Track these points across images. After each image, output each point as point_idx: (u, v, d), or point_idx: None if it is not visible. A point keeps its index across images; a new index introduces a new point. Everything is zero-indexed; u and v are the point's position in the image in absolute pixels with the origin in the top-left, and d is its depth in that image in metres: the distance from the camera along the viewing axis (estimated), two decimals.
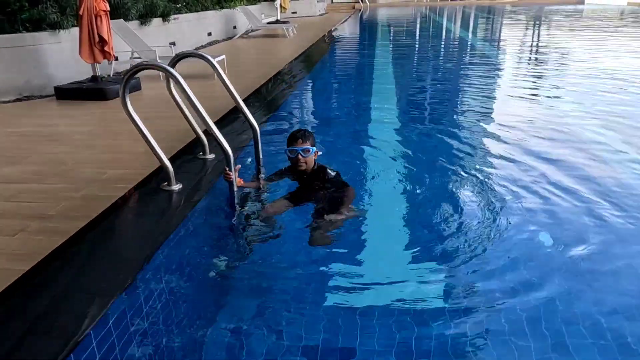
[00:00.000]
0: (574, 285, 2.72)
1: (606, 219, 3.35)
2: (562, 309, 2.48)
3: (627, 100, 7.06)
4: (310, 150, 3.35)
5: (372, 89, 8.69)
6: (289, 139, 3.42)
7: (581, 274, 2.82)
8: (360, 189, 3.76)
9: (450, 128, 5.81)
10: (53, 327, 2.13)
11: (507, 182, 3.93)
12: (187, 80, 3.42)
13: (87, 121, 6.05)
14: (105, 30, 6.75)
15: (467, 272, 2.82)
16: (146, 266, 2.52)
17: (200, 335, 2.35)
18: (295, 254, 3.06)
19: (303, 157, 3.34)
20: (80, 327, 2.07)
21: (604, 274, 2.82)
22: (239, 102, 3.88)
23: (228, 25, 15.95)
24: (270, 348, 2.26)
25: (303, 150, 3.32)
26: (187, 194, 3.42)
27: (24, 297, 2.34)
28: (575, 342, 2.24)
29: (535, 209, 3.51)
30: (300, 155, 3.33)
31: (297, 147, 3.34)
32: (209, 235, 3.28)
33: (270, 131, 5.45)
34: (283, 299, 2.65)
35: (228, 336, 2.37)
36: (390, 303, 2.56)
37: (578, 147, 4.88)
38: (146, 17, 10.46)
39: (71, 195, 3.69)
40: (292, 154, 3.36)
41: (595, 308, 2.52)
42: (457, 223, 3.34)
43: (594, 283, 2.75)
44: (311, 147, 3.36)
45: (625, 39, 15.77)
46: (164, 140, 4.75)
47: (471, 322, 2.42)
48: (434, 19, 26.57)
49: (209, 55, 4.18)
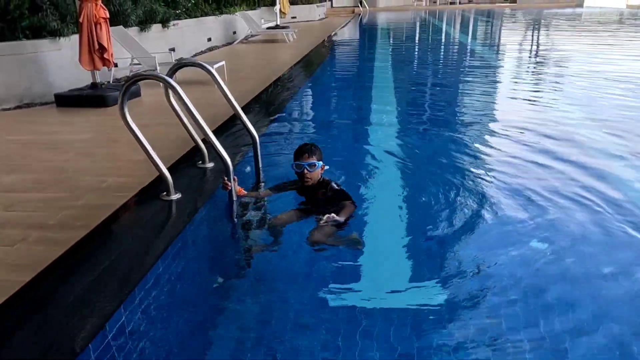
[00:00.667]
0: (572, 292, 2.72)
1: (607, 226, 3.35)
2: (561, 316, 2.49)
3: (628, 104, 7.07)
4: (317, 164, 3.38)
5: (372, 94, 8.71)
6: (296, 153, 3.45)
7: (580, 282, 2.82)
8: (359, 194, 3.77)
9: (450, 133, 5.83)
10: (51, 341, 2.13)
11: (507, 190, 3.93)
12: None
13: (87, 128, 6.07)
14: (104, 38, 6.78)
15: (466, 279, 2.83)
16: (145, 277, 2.52)
17: (200, 347, 2.36)
18: (295, 263, 3.06)
19: (309, 171, 3.37)
20: (79, 341, 2.07)
21: (603, 280, 2.83)
22: (238, 110, 3.89)
23: (228, 31, 15.99)
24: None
25: (309, 165, 3.36)
26: (186, 203, 3.42)
27: (23, 310, 2.34)
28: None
29: (534, 216, 3.51)
30: (306, 170, 3.36)
31: (303, 162, 3.37)
32: (208, 245, 3.29)
33: (271, 138, 5.47)
34: (283, 308, 2.65)
35: (229, 347, 2.37)
36: (391, 313, 2.56)
37: (576, 151, 4.89)
38: (146, 23, 10.50)
39: (71, 204, 3.69)
40: (299, 168, 3.40)
41: (593, 315, 2.52)
42: (455, 229, 3.34)
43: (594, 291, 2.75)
44: (317, 162, 3.39)
45: (626, 42, 15.80)
46: (163, 149, 4.76)
47: (471, 330, 2.42)
48: (433, 22, 26.62)
49: (207, 63, 4.20)
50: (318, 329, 2.47)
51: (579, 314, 2.52)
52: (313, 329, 2.47)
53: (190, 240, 3.11)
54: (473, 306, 2.62)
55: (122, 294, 2.38)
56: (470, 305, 2.62)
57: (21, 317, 2.28)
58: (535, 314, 2.50)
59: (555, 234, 3.29)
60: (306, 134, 6.10)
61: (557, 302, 2.59)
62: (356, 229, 3.31)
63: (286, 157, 4.87)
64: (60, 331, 2.17)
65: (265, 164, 4.24)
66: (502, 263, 2.97)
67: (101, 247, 2.96)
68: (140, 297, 2.46)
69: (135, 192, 3.76)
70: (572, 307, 2.57)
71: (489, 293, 2.71)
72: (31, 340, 2.12)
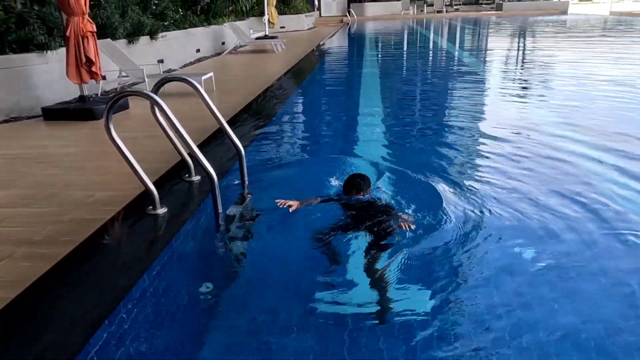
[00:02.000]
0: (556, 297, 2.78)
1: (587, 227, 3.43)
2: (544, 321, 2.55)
3: (615, 105, 7.21)
4: (364, 199, 3.61)
5: (361, 102, 8.81)
6: (345, 186, 3.67)
7: (564, 287, 2.88)
8: None
9: (439, 140, 5.95)
10: (37, 357, 2.14)
11: (495, 196, 4.01)
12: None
13: (75, 142, 6.06)
14: (92, 51, 6.80)
15: (452, 284, 2.88)
16: (130, 293, 2.54)
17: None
18: (283, 275, 3.09)
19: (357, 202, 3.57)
20: (64, 357, 2.09)
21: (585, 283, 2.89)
22: (223, 123, 3.94)
23: (216, 42, 16.06)
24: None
25: (357, 200, 3.59)
26: (172, 218, 3.45)
27: (8, 327, 2.35)
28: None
29: (521, 222, 3.58)
30: (354, 202, 3.58)
31: (352, 197, 3.60)
32: (195, 259, 3.31)
33: (259, 149, 5.52)
34: (271, 319, 2.68)
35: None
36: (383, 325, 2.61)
37: (562, 154, 4.99)
38: (134, 35, 10.52)
39: (58, 219, 3.69)
40: (347, 201, 3.61)
41: (576, 319, 2.58)
42: (442, 235, 3.39)
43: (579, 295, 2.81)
44: (367, 195, 3.63)
45: (609, 47, 16.08)
46: (150, 162, 4.79)
47: (459, 339, 2.47)
48: (420, 31, 26.90)
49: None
50: (307, 337, 2.50)
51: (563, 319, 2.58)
52: (302, 337, 2.50)
53: (176, 254, 3.13)
54: (459, 311, 2.67)
55: (107, 310, 2.40)
56: (456, 311, 2.68)
57: (7, 334, 2.29)
58: (522, 321, 2.56)
59: (542, 236, 3.36)
60: (294, 145, 6.16)
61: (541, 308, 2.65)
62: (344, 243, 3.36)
63: (273, 169, 4.93)
64: (45, 347, 2.18)
65: (254, 173, 4.27)
66: (488, 267, 3.03)
67: (87, 262, 2.97)
68: (126, 311, 2.48)
69: (123, 207, 3.78)
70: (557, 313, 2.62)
71: (475, 298, 2.77)
72: (17, 357, 2.13)
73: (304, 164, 5.22)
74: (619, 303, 2.73)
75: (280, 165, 5.03)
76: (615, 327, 2.53)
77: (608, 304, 2.73)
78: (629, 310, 2.67)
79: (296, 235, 3.53)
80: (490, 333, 2.52)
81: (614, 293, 2.83)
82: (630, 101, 7.77)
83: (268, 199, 4.10)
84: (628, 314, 2.64)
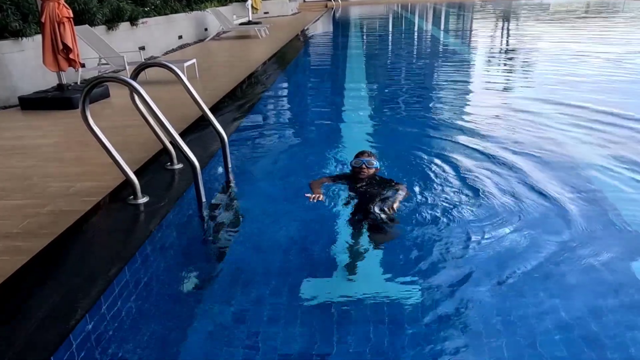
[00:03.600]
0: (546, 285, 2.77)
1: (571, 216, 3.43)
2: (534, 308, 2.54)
3: (596, 90, 7.24)
4: (375, 163, 3.67)
5: (346, 87, 8.74)
6: (357, 154, 3.74)
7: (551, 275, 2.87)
8: (335, 191, 3.77)
9: (425, 125, 5.91)
10: (17, 351, 2.08)
11: (483, 181, 4.00)
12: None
13: (53, 132, 5.91)
14: (69, 38, 6.60)
15: (439, 272, 2.86)
16: (111, 285, 2.48)
17: (172, 352, 2.34)
18: (269, 263, 3.04)
19: (367, 167, 3.62)
20: (43, 352, 2.02)
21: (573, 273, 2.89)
22: (206, 110, 3.85)
23: (199, 28, 15.78)
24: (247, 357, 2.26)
25: (368, 162, 3.63)
26: (154, 207, 3.37)
27: None
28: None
29: (510, 209, 3.57)
30: (364, 165, 3.62)
31: (363, 159, 3.65)
32: (178, 248, 3.24)
33: (243, 136, 5.43)
34: (257, 308, 2.63)
35: (203, 350, 2.36)
36: (368, 310, 2.58)
37: (547, 142, 5.00)
38: (113, 22, 10.27)
39: (37, 211, 3.60)
40: (357, 164, 3.66)
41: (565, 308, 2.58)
42: (429, 222, 3.37)
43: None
44: (376, 162, 3.67)
45: (592, 30, 16.15)
46: (132, 151, 4.70)
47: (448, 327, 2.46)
48: (405, 15, 26.75)
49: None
50: (294, 326, 2.47)
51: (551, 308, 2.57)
52: (289, 325, 2.47)
53: (159, 245, 3.07)
54: (448, 298, 2.66)
55: (87, 303, 2.33)
56: (444, 298, 2.66)
57: None
58: (511, 307, 2.55)
59: (531, 222, 3.35)
60: (279, 131, 6.08)
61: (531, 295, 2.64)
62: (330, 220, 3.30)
63: (258, 156, 4.86)
64: (24, 343, 2.12)
65: (239, 160, 4.20)
66: (475, 254, 3.01)
67: (66, 255, 2.89)
68: (108, 304, 2.42)
69: (103, 197, 3.69)
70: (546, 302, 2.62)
71: (464, 286, 2.75)
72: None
73: (288, 149, 5.15)
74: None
75: (264, 152, 4.96)
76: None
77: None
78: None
79: (281, 223, 3.48)
80: (477, 316, 2.51)
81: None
82: (614, 78, 7.83)
83: (252, 187, 4.05)
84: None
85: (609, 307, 2.54)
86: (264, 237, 3.30)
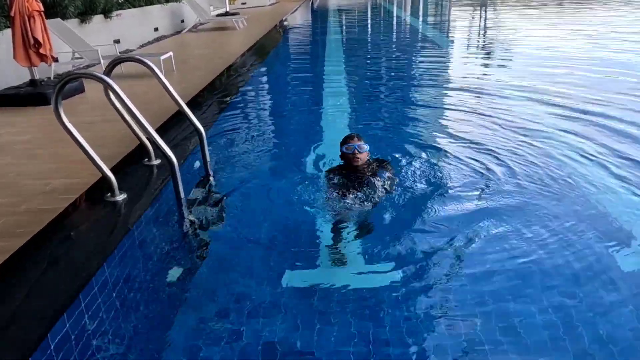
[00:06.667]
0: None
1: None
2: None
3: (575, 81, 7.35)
4: (366, 147, 3.50)
5: (325, 78, 8.71)
6: (344, 139, 3.57)
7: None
8: (316, 184, 3.78)
9: (404, 115, 5.93)
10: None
11: (465, 172, 4.03)
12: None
13: (27, 129, 5.79)
14: (39, 32, 6.45)
15: (423, 261, 2.90)
16: (89, 284, 2.45)
17: (153, 353, 2.33)
18: (251, 258, 3.04)
19: (359, 152, 3.46)
20: (19, 353, 2.00)
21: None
22: (182, 105, 3.81)
23: (175, 20, 15.54)
24: (228, 353, 2.26)
25: (359, 146, 3.46)
26: (132, 204, 3.33)
27: None
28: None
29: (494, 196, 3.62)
30: (356, 151, 3.46)
31: (354, 143, 3.47)
32: (157, 246, 3.21)
33: (222, 129, 5.38)
34: (240, 304, 2.63)
35: (185, 346, 2.36)
36: (352, 302, 2.59)
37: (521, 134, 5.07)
38: (86, 14, 10.05)
39: (12, 210, 3.54)
40: (349, 150, 3.48)
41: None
42: (414, 211, 3.38)
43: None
44: (366, 145, 3.51)
45: (570, 19, 16.36)
46: (108, 146, 4.63)
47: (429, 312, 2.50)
48: (384, 5, 26.72)
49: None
50: (277, 321, 2.48)
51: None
52: (272, 321, 2.48)
53: (137, 242, 3.04)
54: (430, 288, 2.69)
55: (65, 303, 2.31)
56: (427, 288, 2.69)
57: None
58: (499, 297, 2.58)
59: (515, 213, 3.37)
60: (259, 124, 6.05)
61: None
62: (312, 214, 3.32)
63: (237, 149, 4.83)
64: (1, 343, 2.09)
65: (218, 155, 4.16)
66: (459, 245, 3.03)
67: (43, 254, 2.85)
68: (86, 304, 2.39)
69: (80, 194, 3.64)
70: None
71: (447, 275, 2.79)
72: None
73: (269, 143, 5.13)
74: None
75: (244, 146, 4.92)
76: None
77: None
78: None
79: (262, 217, 3.48)
80: (456, 304, 2.56)
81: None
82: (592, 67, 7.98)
83: (232, 181, 4.03)
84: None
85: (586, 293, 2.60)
86: (245, 231, 3.29)
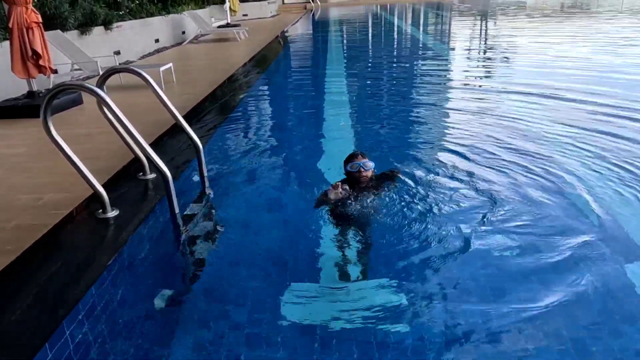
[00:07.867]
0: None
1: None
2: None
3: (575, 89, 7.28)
4: (371, 165, 3.45)
5: (326, 90, 8.65)
6: (348, 157, 3.53)
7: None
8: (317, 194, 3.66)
9: (407, 127, 5.86)
10: None
11: (464, 181, 3.95)
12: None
13: (23, 141, 5.70)
14: (38, 44, 6.39)
15: (423, 276, 2.79)
16: (77, 306, 2.34)
17: None
18: (247, 278, 2.92)
19: (365, 170, 3.42)
20: None
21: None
22: (179, 118, 3.72)
23: (176, 31, 15.55)
24: None
25: (364, 164, 3.42)
26: (124, 221, 3.22)
27: None
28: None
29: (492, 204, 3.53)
30: (362, 169, 3.41)
31: (359, 162, 3.42)
32: (150, 264, 3.09)
33: (221, 141, 5.29)
34: (236, 327, 2.52)
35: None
36: (351, 323, 2.49)
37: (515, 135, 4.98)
38: (86, 26, 10.03)
39: (2, 226, 3.43)
40: (354, 168, 3.43)
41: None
42: (412, 224, 3.28)
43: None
44: (371, 162, 3.45)
45: (571, 29, 16.36)
46: (104, 159, 4.53)
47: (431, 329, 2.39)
48: (384, 16, 26.82)
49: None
50: (274, 345, 2.36)
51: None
52: (270, 345, 2.36)
53: (129, 261, 2.92)
54: (432, 304, 2.59)
55: (52, 325, 2.19)
56: (429, 304, 2.59)
57: None
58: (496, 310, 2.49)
59: (516, 223, 3.29)
60: (258, 137, 5.95)
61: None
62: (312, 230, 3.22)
63: (236, 163, 4.73)
64: None
65: (217, 165, 4.05)
66: (459, 258, 2.94)
67: (30, 272, 2.74)
68: (74, 327, 2.27)
69: (72, 209, 3.53)
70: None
71: (448, 289, 2.68)
72: None
73: (268, 156, 5.02)
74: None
75: (243, 159, 4.82)
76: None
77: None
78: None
79: (261, 236, 3.36)
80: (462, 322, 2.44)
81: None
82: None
83: (230, 196, 3.92)
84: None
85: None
86: (242, 248, 3.18)
